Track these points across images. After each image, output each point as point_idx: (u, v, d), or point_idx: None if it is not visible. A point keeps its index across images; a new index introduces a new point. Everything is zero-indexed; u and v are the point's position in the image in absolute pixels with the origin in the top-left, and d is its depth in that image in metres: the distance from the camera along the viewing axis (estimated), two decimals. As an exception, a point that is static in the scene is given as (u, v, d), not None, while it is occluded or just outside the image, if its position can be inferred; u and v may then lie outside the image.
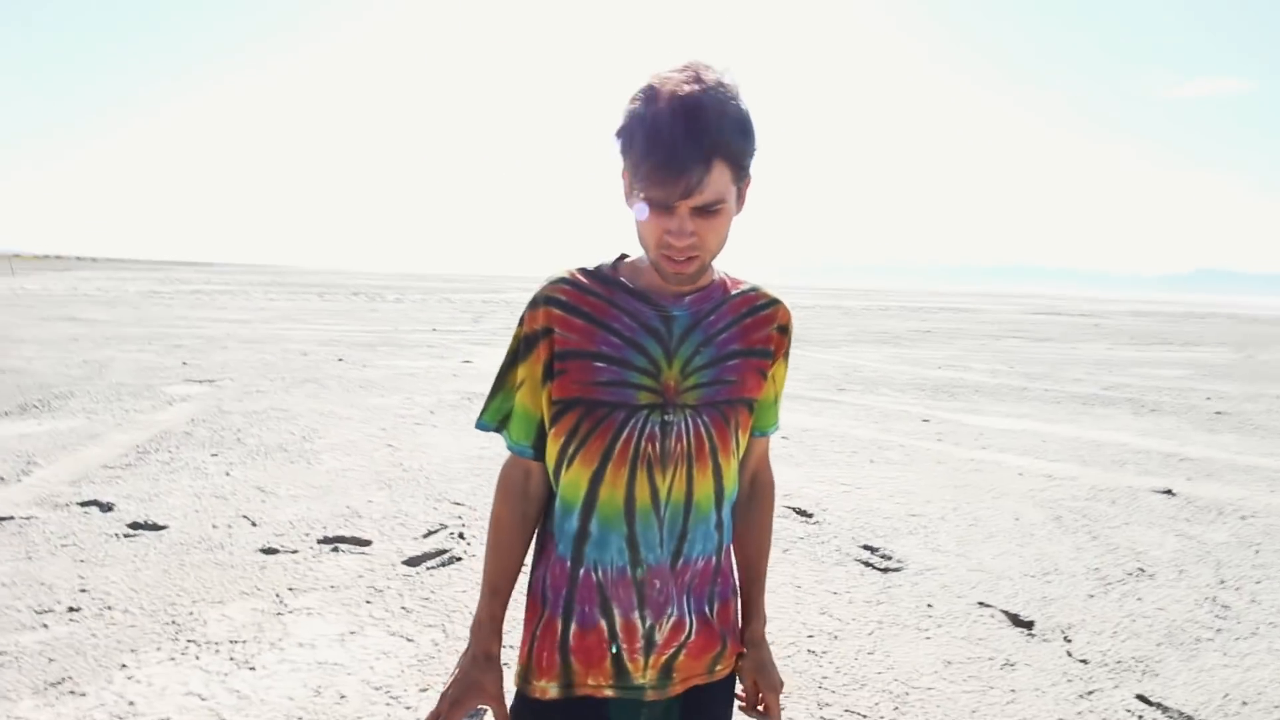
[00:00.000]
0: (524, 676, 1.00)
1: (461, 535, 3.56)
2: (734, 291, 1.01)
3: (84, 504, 3.80)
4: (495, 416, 1.02)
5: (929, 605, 2.97)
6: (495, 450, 5.13)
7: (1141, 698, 2.37)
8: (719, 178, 0.83)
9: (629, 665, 0.97)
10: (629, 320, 0.95)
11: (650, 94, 0.83)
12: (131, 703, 2.15)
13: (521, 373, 0.98)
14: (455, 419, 6.12)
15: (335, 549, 3.34)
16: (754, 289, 1.02)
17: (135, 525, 3.52)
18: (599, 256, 1.02)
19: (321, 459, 4.77)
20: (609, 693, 0.98)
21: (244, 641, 2.51)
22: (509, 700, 1.03)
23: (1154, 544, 3.76)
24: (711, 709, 1.05)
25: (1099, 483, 4.85)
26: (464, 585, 3.02)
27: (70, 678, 2.27)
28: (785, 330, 1.03)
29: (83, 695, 2.18)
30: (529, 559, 1.05)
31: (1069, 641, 2.72)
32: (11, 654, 2.39)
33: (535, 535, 1.05)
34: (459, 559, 3.29)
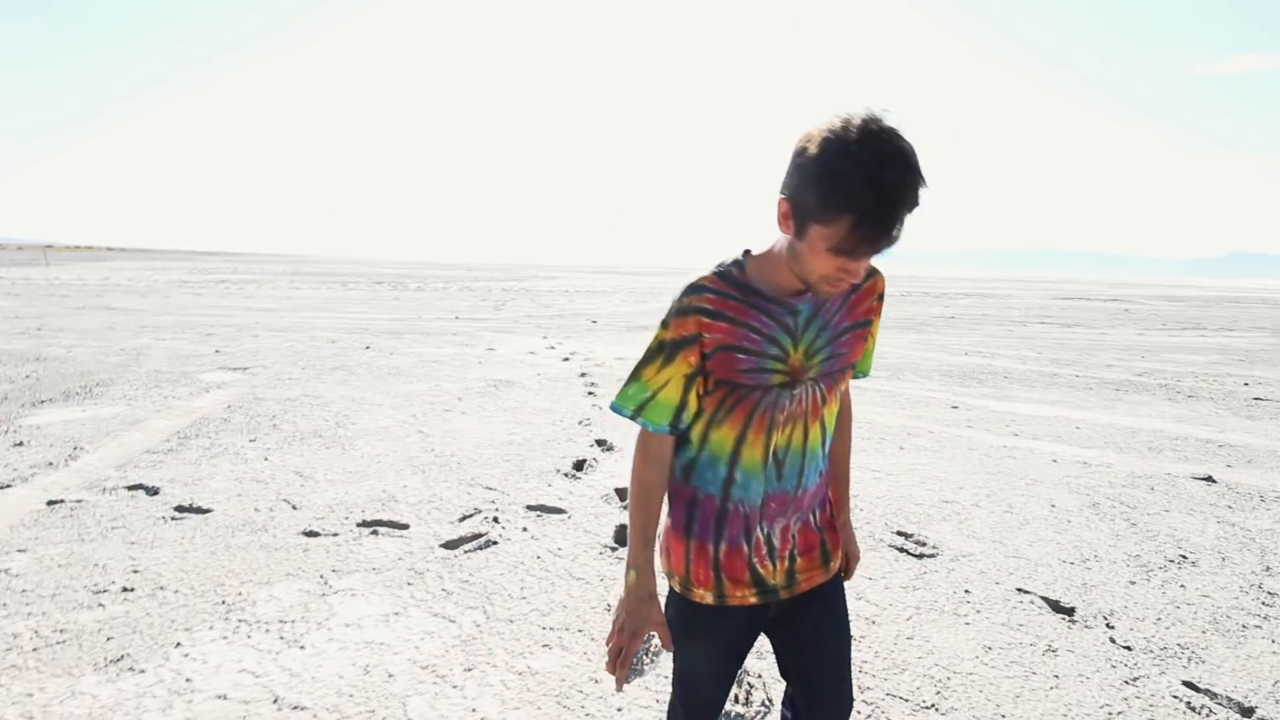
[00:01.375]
0: (685, 585, 1.25)
1: (496, 520, 3.60)
2: None
3: (131, 488, 3.91)
4: (632, 404, 1.19)
5: (966, 591, 2.95)
6: (524, 437, 5.17)
7: (1189, 684, 2.34)
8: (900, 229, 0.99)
9: (762, 572, 1.23)
10: (766, 319, 1.14)
11: (861, 160, 0.92)
12: (188, 679, 2.22)
13: (667, 372, 1.16)
14: (483, 405, 6.18)
15: (374, 532, 3.41)
16: None
17: (181, 509, 3.62)
18: (724, 253, 1.20)
19: (355, 445, 4.86)
20: (753, 600, 1.24)
21: (292, 621, 2.58)
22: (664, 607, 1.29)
23: (1195, 531, 3.69)
24: (831, 599, 1.31)
25: (1136, 470, 4.77)
26: (501, 569, 3.06)
27: (129, 655, 2.35)
28: (882, 296, 1.26)
29: (141, 672, 2.26)
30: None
31: (1111, 628, 2.69)
32: (72, 632, 2.48)
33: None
34: (495, 543, 3.33)
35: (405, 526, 3.49)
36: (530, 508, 3.79)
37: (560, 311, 17.00)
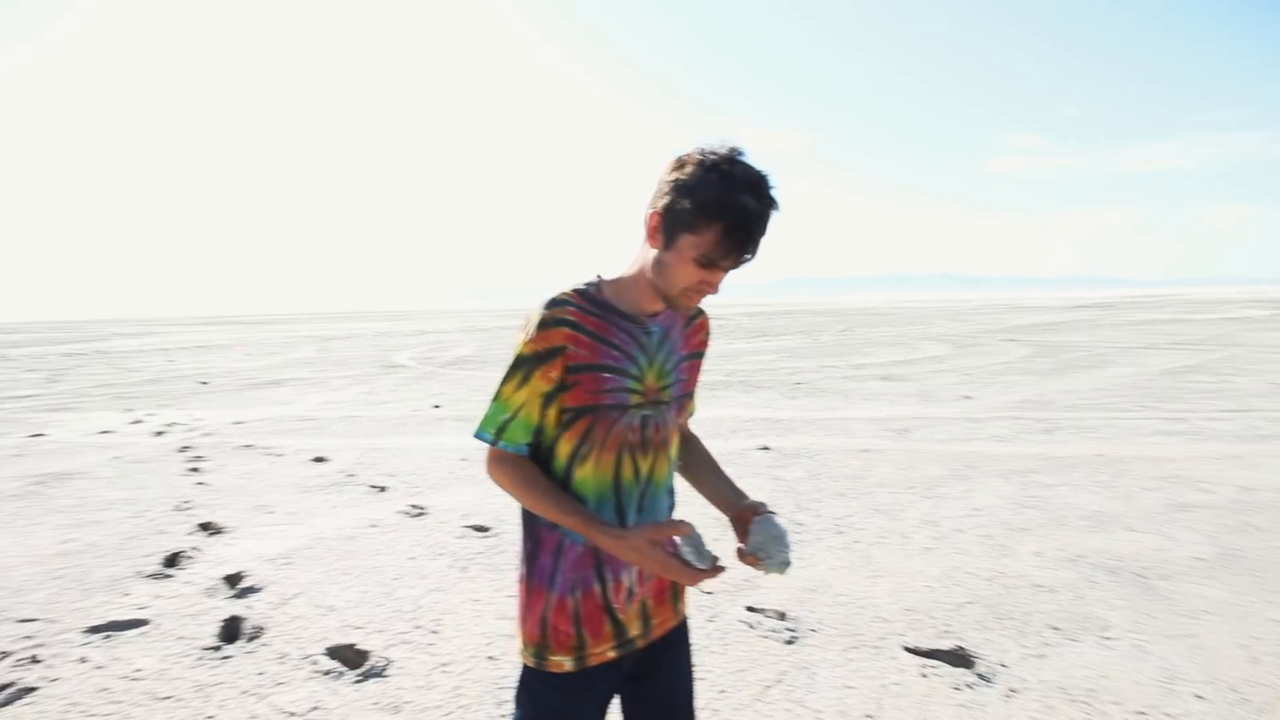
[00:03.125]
0: (539, 653, 1.14)
1: (35, 659, 2.72)
2: None
3: None
4: (493, 427, 1.12)
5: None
6: (87, 541, 4.03)
7: (750, 608, 3.00)
8: None
9: (622, 619, 1.16)
10: (624, 336, 1.14)
11: (733, 178, 1.03)
12: None
13: (526, 389, 1.10)
14: (20, 512, 4.63)
15: None
16: None
17: None
18: (579, 277, 1.18)
19: None
20: (611, 654, 1.16)
21: None
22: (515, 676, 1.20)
23: (757, 489, 4.77)
24: (681, 643, 1.28)
25: (721, 450, 5.95)
26: (39, 720, 2.31)
27: None
28: (709, 334, 1.33)
29: None
30: (518, 555, 1.21)
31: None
32: None
33: (524, 531, 1.19)
34: (33, 689, 2.51)
35: None
36: (93, 630, 2.96)
37: (156, 375, 13.79)
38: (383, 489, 4.98)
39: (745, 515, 1.22)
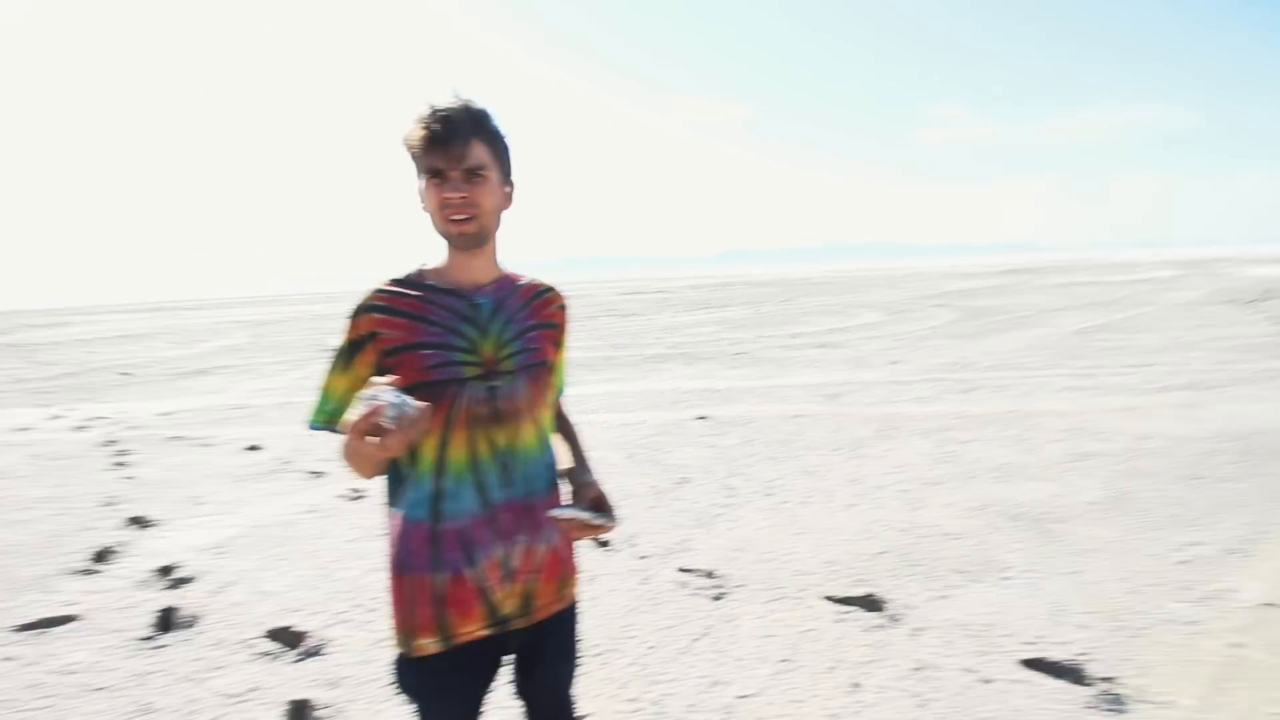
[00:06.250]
0: (406, 639, 1.16)
1: (-44, 661, 2.66)
2: (520, 282, 1.29)
3: None
4: (321, 418, 1.18)
5: (533, 554, 3.39)
6: (8, 542, 3.89)
7: (683, 569, 3.17)
8: (480, 151, 1.13)
9: (496, 599, 1.16)
10: (444, 312, 1.17)
11: (424, 107, 1.13)
12: None
13: (348, 377, 1.16)
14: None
15: None
16: (533, 280, 1.32)
17: None
18: (402, 269, 1.22)
19: None
20: (483, 633, 1.18)
21: None
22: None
23: (693, 458, 4.95)
24: (564, 627, 1.30)
25: (660, 421, 6.12)
26: (-35, 720, 2.29)
27: None
28: (564, 308, 1.34)
29: None
30: (382, 553, 1.25)
31: (635, 546, 3.44)
32: None
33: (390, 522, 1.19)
34: (-46, 692, 2.46)
35: None
36: (21, 628, 2.90)
37: (73, 368, 13.03)
38: (320, 474, 4.95)
39: (584, 491, 1.26)
